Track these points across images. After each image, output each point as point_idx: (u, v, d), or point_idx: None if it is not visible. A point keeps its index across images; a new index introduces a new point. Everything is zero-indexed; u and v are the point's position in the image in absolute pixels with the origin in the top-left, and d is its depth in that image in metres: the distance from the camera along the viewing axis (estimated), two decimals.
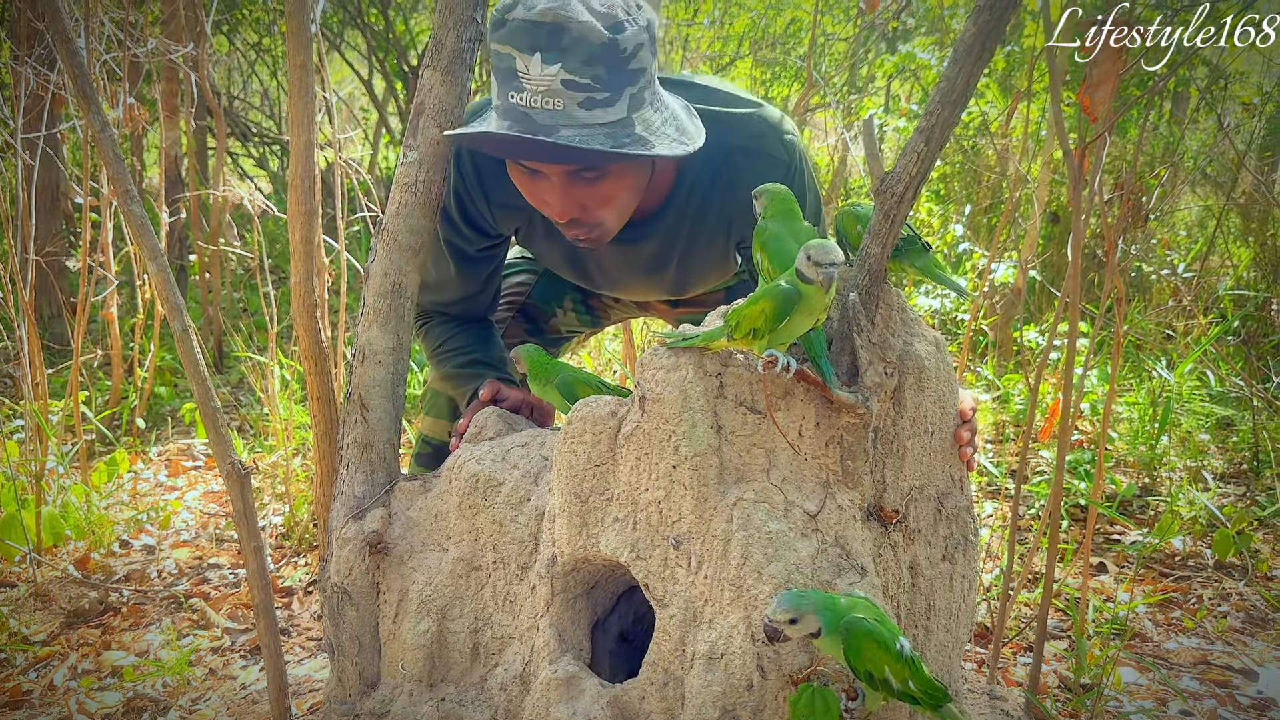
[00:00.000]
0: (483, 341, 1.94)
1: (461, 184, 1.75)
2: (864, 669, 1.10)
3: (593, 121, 1.40)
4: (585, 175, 1.50)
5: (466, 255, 1.86)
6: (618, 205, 1.57)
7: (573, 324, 2.25)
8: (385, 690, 1.52)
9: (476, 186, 1.75)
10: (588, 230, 1.59)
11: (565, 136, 1.38)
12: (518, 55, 1.38)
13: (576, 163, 1.47)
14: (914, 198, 1.26)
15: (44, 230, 4.42)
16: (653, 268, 1.86)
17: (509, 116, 1.41)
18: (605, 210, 1.56)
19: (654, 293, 2.01)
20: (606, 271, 1.91)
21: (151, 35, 4.08)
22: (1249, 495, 3.54)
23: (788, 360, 1.23)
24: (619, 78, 1.41)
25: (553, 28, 1.36)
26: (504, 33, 1.40)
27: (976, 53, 1.19)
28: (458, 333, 1.95)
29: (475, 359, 1.89)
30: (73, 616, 2.75)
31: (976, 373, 4.57)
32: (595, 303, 2.24)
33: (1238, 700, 2.41)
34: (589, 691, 1.32)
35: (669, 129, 1.49)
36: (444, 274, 1.89)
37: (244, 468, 1.63)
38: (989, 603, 2.73)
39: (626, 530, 1.33)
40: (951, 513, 1.41)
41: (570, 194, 1.51)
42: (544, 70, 1.37)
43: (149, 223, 1.60)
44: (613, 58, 1.39)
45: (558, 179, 1.50)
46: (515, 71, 1.39)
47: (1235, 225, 5.26)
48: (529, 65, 1.38)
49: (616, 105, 1.42)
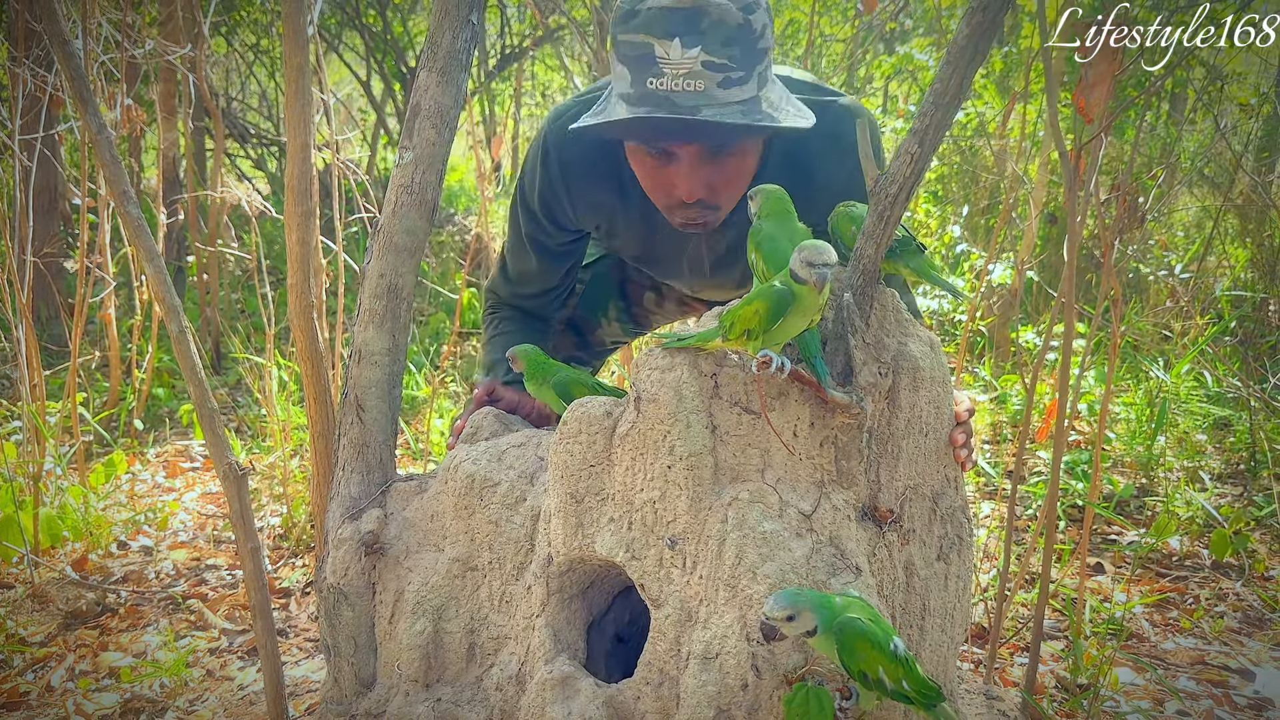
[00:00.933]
0: (529, 338, 1.97)
1: (548, 183, 1.79)
2: (858, 669, 1.11)
3: (730, 100, 1.44)
4: (716, 155, 1.55)
5: (548, 249, 1.90)
6: (738, 186, 1.62)
7: (616, 334, 2.29)
8: (381, 690, 1.53)
9: (562, 185, 1.78)
10: (707, 213, 1.62)
11: (708, 115, 1.43)
12: (656, 42, 1.43)
13: (721, 140, 1.52)
14: (908, 199, 1.26)
15: (41, 232, 4.42)
16: (731, 258, 1.88)
17: (647, 102, 1.44)
18: (728, 190, 1.61)
19: (718, 286, 2.03)
20: (692, 266, 1.93)
21: (149, 36, 4.08)
22: (1246, 495, 3.54)
23: (782, 360, 1.23)
24: (751, 57, 1.46)
25: (690, 12, 1.42)
26: (638, 22, 1.44)
27: (970, 54, 1.19)
28: (513, 330, 2.00)
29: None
30: (70, 618, 2.75)
31: (974, 374, 4.57)
32: (638, 310, 2.27)
33: (1234, 700, 2.41)
34: (584, 691, 1.32)
35: (788, 105, 1.55)
36: (525, 266, 1.94)
37: (241, 468, 1.63)
38: (986, 603, 2.73)
39: (622, 530, 1.33)
40: (946, 512, 1.42)
41: (699, 174, 1.55)
42: (685, 54, 1.42)
43: (146, 224, 1.60)
44: (746, 37, 1.44)
45: (690, 160, 1.54)
46: (654, 58, 1.43)
47: (1232, 226, 5.27)
48: (669, 50, 1.43)
49: (749, 84, 1.46)
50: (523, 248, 1.91)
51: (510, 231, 1.94)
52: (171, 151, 5.05)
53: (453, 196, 8.76)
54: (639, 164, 1.62)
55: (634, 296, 2.24)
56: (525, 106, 10.19)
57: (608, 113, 1.50)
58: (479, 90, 8.02)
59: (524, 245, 1.90)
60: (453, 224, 7.99)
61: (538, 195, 1.81)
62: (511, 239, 1.94)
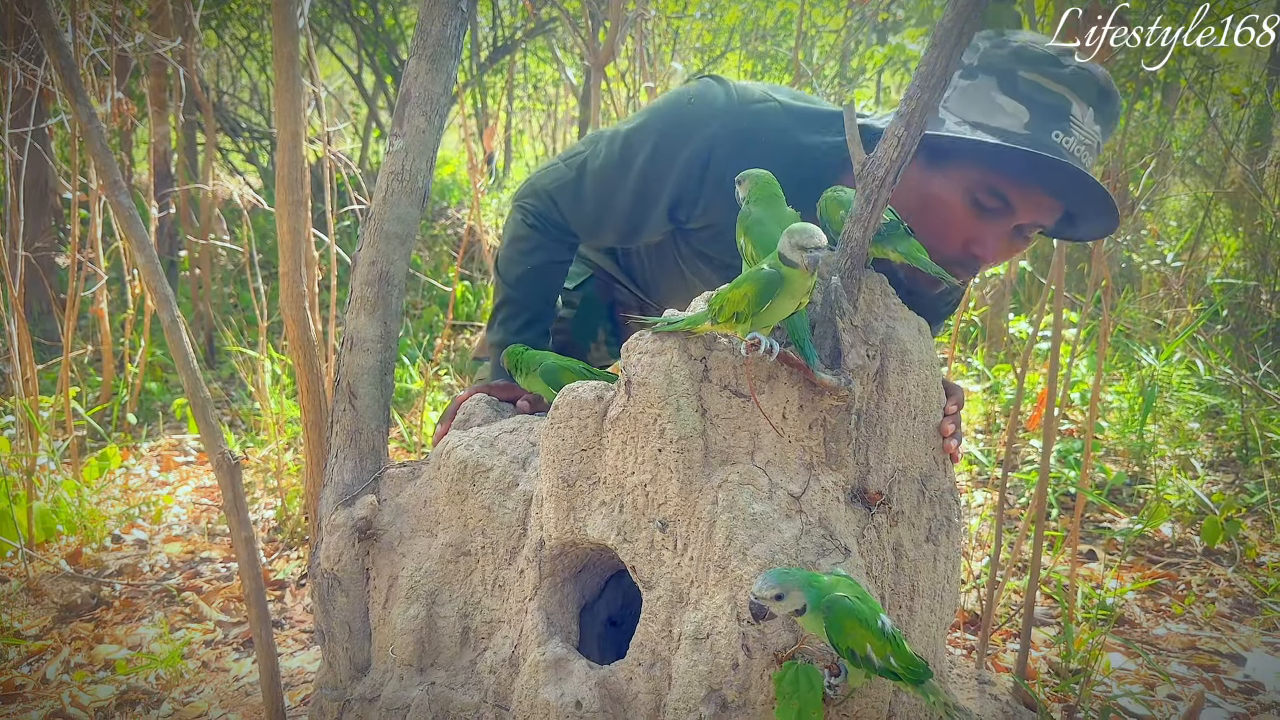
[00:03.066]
0: (529, 327, 1.91)
1: (692, 171, 1.63)
2: (846, 646, 1.11)
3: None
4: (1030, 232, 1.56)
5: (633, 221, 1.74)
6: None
7: (604, 357, 2.28)
8: (376, 675, 1.53)
9: (712, 182, 1.63)
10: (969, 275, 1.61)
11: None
12: (1075, 101, 1.46)
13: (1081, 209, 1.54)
14: (895, 182, 1.27)
15: (33, 226, 4.41)
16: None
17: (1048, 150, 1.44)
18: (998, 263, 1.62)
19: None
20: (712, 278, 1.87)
21: (139, 30, 4.06)
22: (1237, 483, 3.56)
23: (770, 343, 1.24)
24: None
25: (1108, 93, 1.48)
26: (1062, 74, 1.45)
27: (955, 37, 1.20)
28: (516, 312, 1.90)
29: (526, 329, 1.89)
30: (65, 611, 2.75)
31: (967, 363, 4.58)
32: (626, 334, 2.27)
33: (1225, 685, 2.43)
34: (577, 673, 1.33)
35: None
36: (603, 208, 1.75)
37: (234, 458, 1.63)
38: (978, 590, 2.74)
39: (613, 513, 1.33)
40: (935, 494, 1.43)
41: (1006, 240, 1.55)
42: (1092, 126, 1.47)
43: (137, 214, 1.60)
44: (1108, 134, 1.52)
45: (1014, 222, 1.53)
46: (1068, 115, 1.45)
47: (1224, 215, 5.28)
48: (1084, 116, 1.46)
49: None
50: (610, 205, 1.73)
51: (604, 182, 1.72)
52: (162, 145, 5.03)
53: (445, 190, 8.75)
54: (953, 207, 1.51)
55: (620, 320, 2.24)
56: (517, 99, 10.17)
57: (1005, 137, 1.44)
58: (471, 83, 8.01)
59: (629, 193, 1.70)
60: (445, 217, 7.98)
61: (676, 179, 1.64)
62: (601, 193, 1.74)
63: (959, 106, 1.48)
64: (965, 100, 1.48)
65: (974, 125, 1.46)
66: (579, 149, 1.79)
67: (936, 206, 1.52)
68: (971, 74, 1.49)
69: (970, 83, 1.48)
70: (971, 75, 1.49)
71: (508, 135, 10.31)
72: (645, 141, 1.66)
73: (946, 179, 1.50)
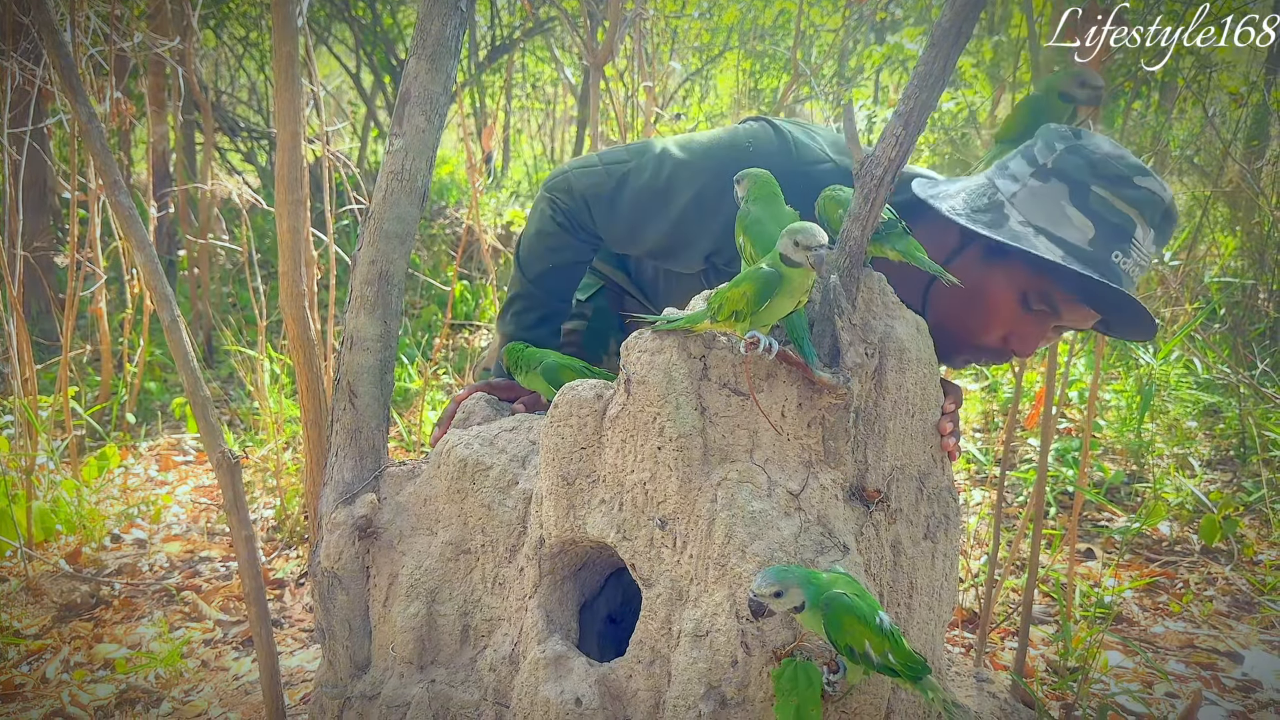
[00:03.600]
0: (542, 323, 1.90)
1: (727, 238, 1.53)
2: (844, 643, 1.12)
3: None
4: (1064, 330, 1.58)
5: (667, 248, 1.73)
6: None
7: (615, 369, 2.25)
8: (376, 673, 1.54)
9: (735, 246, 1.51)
10: (1002, 361, 1.63)
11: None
12: (1140, 224, 1.46)
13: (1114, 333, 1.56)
14: (893, 181, 1.27)
15: (31, 226, 4.41)
16: None
17: (1100, 268, 1.43)
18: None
19: None
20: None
21: (138, 29, 4.07)
22: (1235, 481, 3.57)
23: (769, 341, 1.24)
24: None
25: (1171, 216, 1.48)
26: (1133, 195, 1.45)
27: (953, 37, 1.20)
28: (530, 306, 1.90)
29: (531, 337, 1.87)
30: (64, 610, 2.75)
31: None
32: None
33: (1223, 682, 2.43)
34: (577, 670, 1.33)
35: None
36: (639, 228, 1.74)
37: (234, 457, 1.64)
38: (976, 588, 2.75)
39: (613, 511, 1.34)
40: (933, 492, 1.43)
41: (1044, 337, 1.56)
42: (1149, 248, 1.47)
43: (137, 213, 1.60)
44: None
45: (1056, 329, 1.55)
46: (1131, 236, 1.45)
47: (1221, 214, 5.29)
48: (1145, 238, 1.46)
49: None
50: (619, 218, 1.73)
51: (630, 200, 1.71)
52: (161, 145, 5.03)
53: (444, 189, 8.74)
54: (1008, 302, 1.52)
55: (632, 330, 2.22)
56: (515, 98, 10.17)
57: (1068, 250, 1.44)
58: (469, 82, 8.01)
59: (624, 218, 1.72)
60: (444, 217, 7.98)
61: (718, 226, 1.61)
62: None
63: (1027, 208, 1.48)
64: (1034, 203, 1.48)
65: (1038, 230, 1.46)
66: (623, 156, 1.73)
67: (989, 298, 1.53)
68: (1044, 176, 1.48)
69: (1042, 185, 1.48)
70: (1044, 178, 1.48)
71: (506, 135, 10.31)
72: (693, 181, 1.64)
73: (1005, 274, 1.51)
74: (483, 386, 1.79)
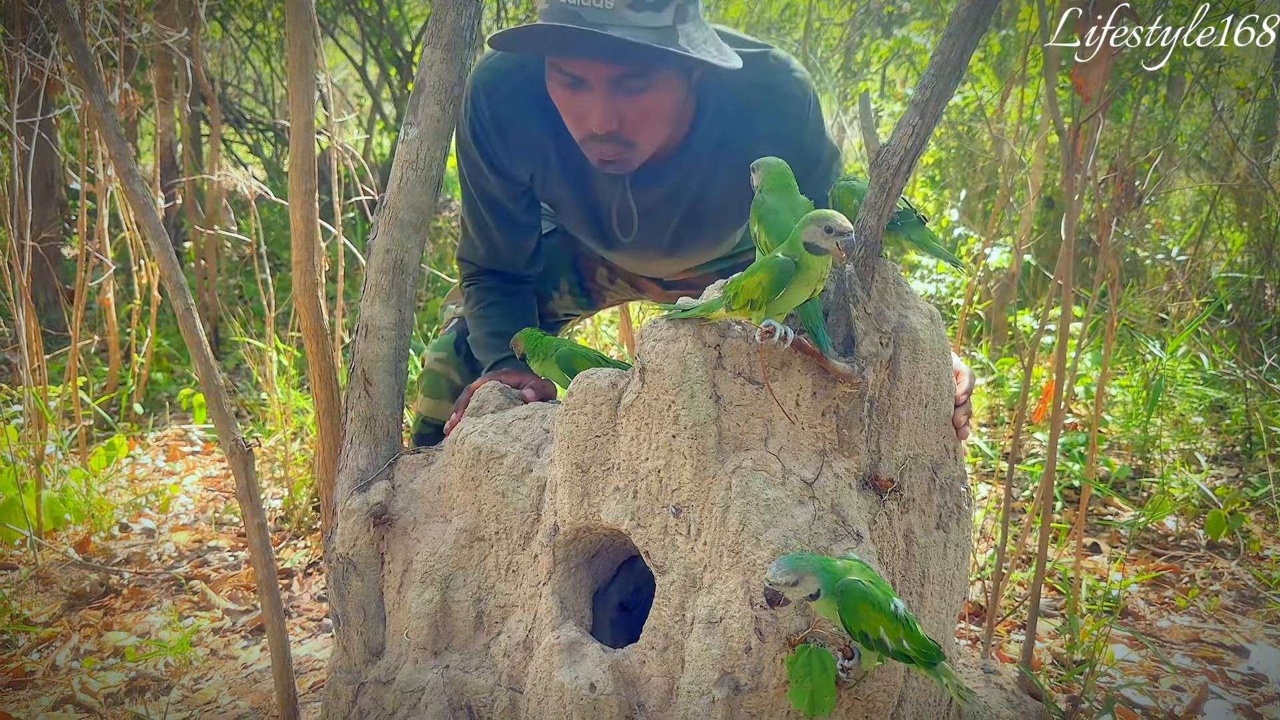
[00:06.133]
0: (510, 314, 1.95)
1: (477, 123, 1.75)
2: (859, 629, 1.13)
3: (641, 24, 1.42)
4: (629, 85, 1.51)
5: (496, 200, 1.85)
6: (655, 123, 1.57)
7: (569, 306, 2.26)
8: (390, 659, 1.54)
9: (493, 124, 1.74)
10: (623, 150, 1.58)
11: (615, 34, 1.40)
12: None
13: (623, 61, 1.48)
14: (909, 170, 1.28)
15: (39, 216, 4.42)
16: (660, 217, 1.84)
17: (557, 16, 1.43)
18: (644, 126, 1.56)
19: (655, 253, 1.99)
20: (620, 219, 1.89)
21: (145, 21, 4.07)
22: (1241, 476, 3.57)
23: (785, 330, 1.24)
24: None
25: None
26: None
27: (970, 26, 1.21)
28: (495, 301, 1.96)
29: (499, 330, 1.91)
30: (74, 598, 2.77)
31: (972, 357, 4.59)
32: (591, 284, 2.25)
33: (1229, 676, 2.44)
34: (591, 656, 1.34)
35: (710, 47, 1.52)
36: (479, 222, 1.89)
37: (246, 445, 1.64)
38: (984, 582, 2.75)
39: (627, 499, 1.34)
40: (945, 482, 1.44)
41: (612, 104, 1.52)
42: None
43: (150, 201, 1.61)
44: None
45: (601, 87, 1.50)
46: None
47: (1229, 209, 5.28)
48: None
49: (664, 12, 1.44)
50: (474, 204, 1.86)
51: (464, 197, 1.89)
52: (168, 136, 5.03)
53: (450, 181, 8.74)
54: (556, 94, 1.57)
55: (586, 271, 2.21)
56: None
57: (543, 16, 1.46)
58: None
59: (474, 201, 1.85)
60: (450, 209, 7.98)
61: (472, 138, 1.76)
62: (466, 205, 1.89)
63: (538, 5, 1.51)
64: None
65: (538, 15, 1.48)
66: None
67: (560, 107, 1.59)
68: None
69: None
70: None
71: None
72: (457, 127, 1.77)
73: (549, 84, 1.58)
74: (495, 376, 1.80)
